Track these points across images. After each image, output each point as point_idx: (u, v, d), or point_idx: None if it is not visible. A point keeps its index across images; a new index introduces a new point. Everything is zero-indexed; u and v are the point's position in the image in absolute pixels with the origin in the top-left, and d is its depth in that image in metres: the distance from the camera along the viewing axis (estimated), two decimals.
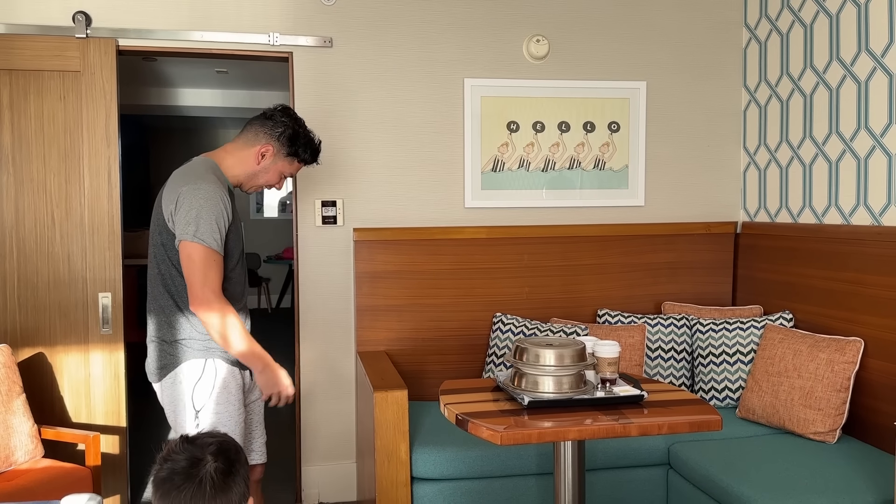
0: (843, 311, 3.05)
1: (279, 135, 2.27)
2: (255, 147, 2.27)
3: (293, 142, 2.29)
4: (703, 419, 2.00)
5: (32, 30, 3.10)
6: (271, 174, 2.32)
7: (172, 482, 1.29)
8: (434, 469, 2.78)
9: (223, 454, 1.35)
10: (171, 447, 1.36)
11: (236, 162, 2.29)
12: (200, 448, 1.34)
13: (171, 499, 1.29)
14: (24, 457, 2.69)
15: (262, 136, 2.27)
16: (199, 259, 2.10)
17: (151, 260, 2.23)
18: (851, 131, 3.03)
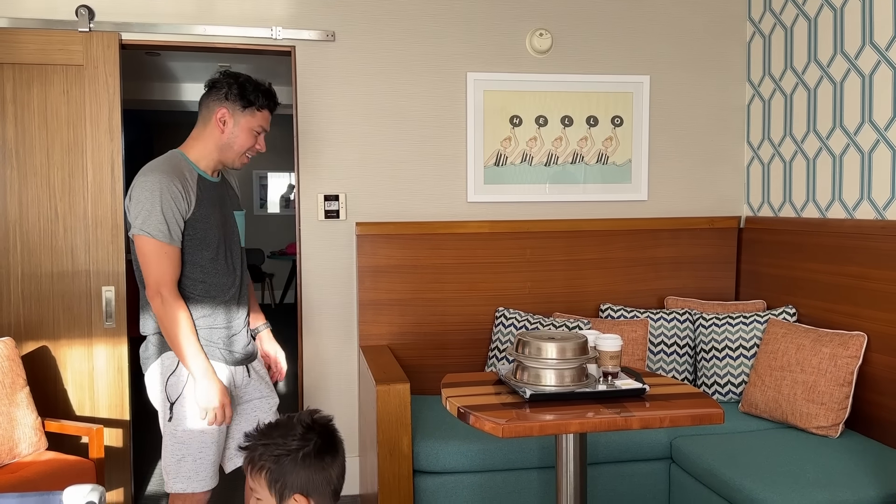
0: (846, 305, 3.04)
1: (226, 93, 2.22)
2: (212, 119, 2.22)
3: (243, 93, 2.22)
4: (705, 412, 2.00)
5: (36, 23, 3.10)
6: (242, 136, 2.24)
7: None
8: (436, 462, 2.79)
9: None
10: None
11: (204, 142, 2.25)
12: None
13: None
14: (28, 449, 2.70)
15: (213, 104, 2.23)
16: (148, 251, 2.10)
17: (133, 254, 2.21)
18: (855, 125, 3.02)
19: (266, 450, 1.49)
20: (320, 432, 1.54)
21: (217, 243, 2.25)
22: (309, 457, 1.49)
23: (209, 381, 2.14)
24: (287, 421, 1.55)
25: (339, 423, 3.46)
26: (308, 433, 1.52)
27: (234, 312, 2.30)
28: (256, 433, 1.54)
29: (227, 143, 2.24)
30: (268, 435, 1.52)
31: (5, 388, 2.68)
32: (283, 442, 1.49)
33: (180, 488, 2.18)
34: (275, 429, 1.53)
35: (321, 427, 1.55)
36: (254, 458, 1.50)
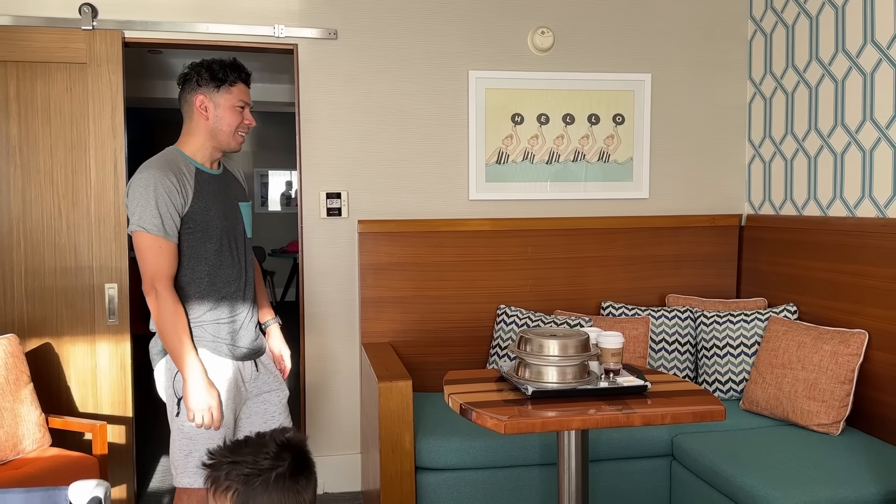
0: (847, 303, 3.05)
1: (197, 80, 2.24)
2: (193, 109, 2.25)
3: (212, 75, 2.23)
4: (707, 409, 2.01)
5: (39, 21, 3.11)
6: (226, 115, 2.24)
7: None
8: (438, 459, 2.80)
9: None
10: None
11: (195, 134, 2.26)
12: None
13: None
14: (32, 445, 2.71)
15: (190, 96, 2.25)
16: (144, 246, 2.11)
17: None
18: (857, 123, 3.02)
19: (234, 469, 1.32)
20: (295, 452, 1.38)
21: (220, 235, 2.24)
22: (282, 478, 1.33)
23: (197, 382, 2.11)
24: (258, 439, 1.40)
25: (342, 419, 3.49)
26: (282, 453, 1.36)
27: (240, 306, 2.29)
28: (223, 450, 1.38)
29: (214, 127, 2.24)
30: (236, 452, 1.35)
31: (9, 385, 2.69)
32: (253, 461, 1.33)
33: (188, 483, 2.19)
34: (244, 446, 1.37)
35: (295, 447, 1.40)
36: (219, 477, 1.33)
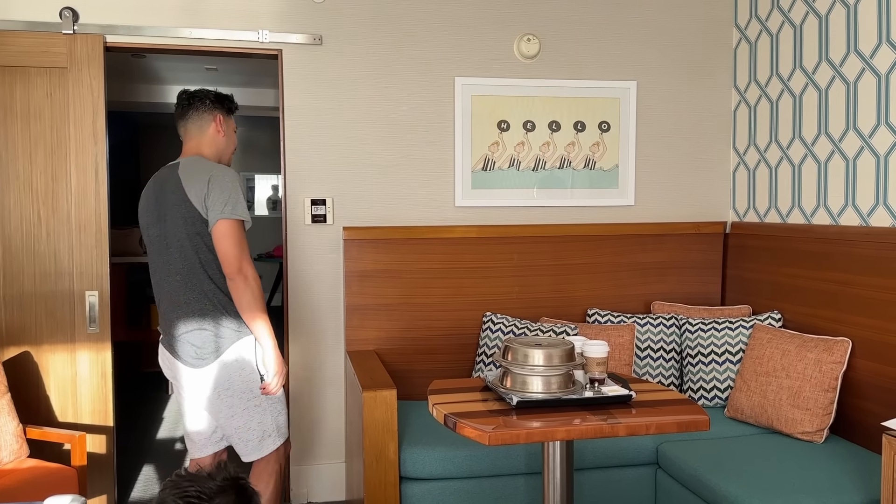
0: (831, 311, 3.06)
1: (211, 103, 2.53)
2: (210, 126, 2.54)
3: (222, 101, 2.57)
4: (691, 419, 2.00)
5: (19, 25, 3.07)
6: (232, 136, 2.59)
7: None
8: (423, 469, 2.78)
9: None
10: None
11: (209, 146, 2.54)
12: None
13: None
14: (9, 457, 2.66)
15: (206, 114, 2.53)
16: (238, 232, 2.37)
17: (187, 252, 2.37)
18: (840, 132, 3.04)
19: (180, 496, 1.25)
20: (238, 489, 1.30)
21: None
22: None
23: (277, 351, 2.44)
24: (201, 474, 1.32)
25: (326, 428, 3.46)
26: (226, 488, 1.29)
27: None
28: (168, 483, 1.30)
29: (225, 144, 2.58)
30: (177, 485, 1.27)
31: None
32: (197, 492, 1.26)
33: (283, 437, 2.54)
34: (188, 480, 1.29)
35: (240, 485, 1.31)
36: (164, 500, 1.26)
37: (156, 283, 2.51)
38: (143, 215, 2.54)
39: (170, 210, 2.40)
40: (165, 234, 2.41)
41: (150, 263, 2.52)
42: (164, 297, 2.46)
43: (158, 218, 2.44)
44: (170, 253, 2.41)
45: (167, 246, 2.41)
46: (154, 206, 2.47)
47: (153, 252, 2.48)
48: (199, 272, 2.39)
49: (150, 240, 2.49)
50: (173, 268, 2.41)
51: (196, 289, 2.39)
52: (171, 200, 2.40)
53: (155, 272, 2.50)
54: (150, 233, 2.49)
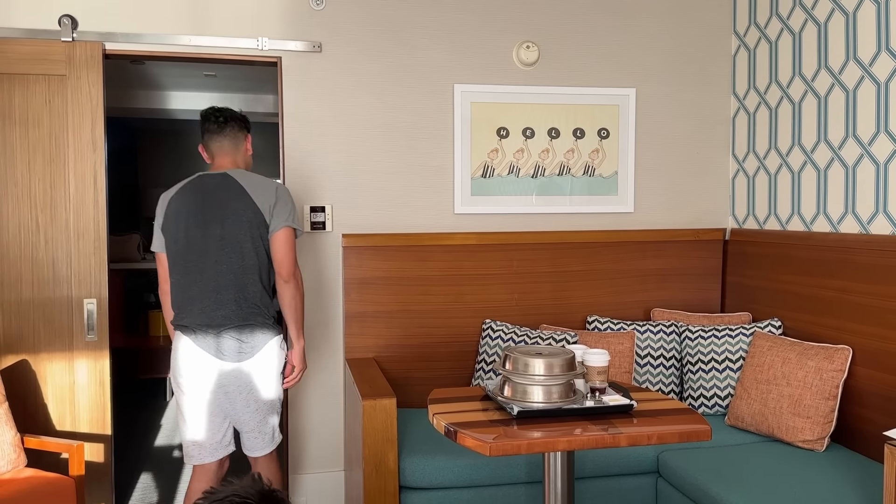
0: (831, 318, 3.05)
1: (242, 122, 2.78)
2: (243, 144, 2.79)
3: (247, 121, 2.82)
4: (693, 429, 2.00)
5: (17, 33, 3.06)
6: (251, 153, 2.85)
7: None
8: (423, 478, 2.77)
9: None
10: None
11: (243, 162, 2.80)
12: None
13: None
14: (7, 466, 2.65)
15: (240, 133, 2.77)
16: (293, 241, 2.64)
17: (247, 253, 2.58)
18: (839, 139, 3.04)
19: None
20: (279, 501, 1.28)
21: None
22: None
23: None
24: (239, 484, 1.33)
25: (325, 436, 3.44)
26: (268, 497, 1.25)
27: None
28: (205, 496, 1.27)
29: (249, 161, 2.84)
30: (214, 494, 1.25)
31: None
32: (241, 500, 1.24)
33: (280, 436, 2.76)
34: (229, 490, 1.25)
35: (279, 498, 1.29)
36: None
37: (192, 282, 2.59)
38: (178, 218, 2.62)
39: (231, 214, 2.58)
40: (223, 235, 2.57)
41: (184, 263, 2.60)
42: (208, 294, 2.57)
43: (205, 220, 2.58)
44: (224, 252, 2.57)
45: (222, 246, 2.57)
46: (199, 209, 2.60)
47: (193, 252, 2.59)
48: (253, 272, 2.60)
49: (191, 240, 2.59)
50: (226, 267, 2.57)
51: (248, 287, 2.59)
52: (232, 205, 2.58)
53: (192, 271, 2.59)
54: (192, 234, 2.60)
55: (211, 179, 2.65)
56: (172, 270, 2.64)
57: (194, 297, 2.59)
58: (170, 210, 2.65)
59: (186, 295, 2.60)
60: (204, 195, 2.62)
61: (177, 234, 2.62)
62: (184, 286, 2.61)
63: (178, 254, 2.62)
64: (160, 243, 2.68)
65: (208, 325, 2.57)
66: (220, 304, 2.56)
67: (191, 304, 2.59)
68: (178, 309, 2.62)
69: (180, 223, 2.62)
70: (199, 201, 2.61)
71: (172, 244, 2.63)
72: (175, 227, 2.62)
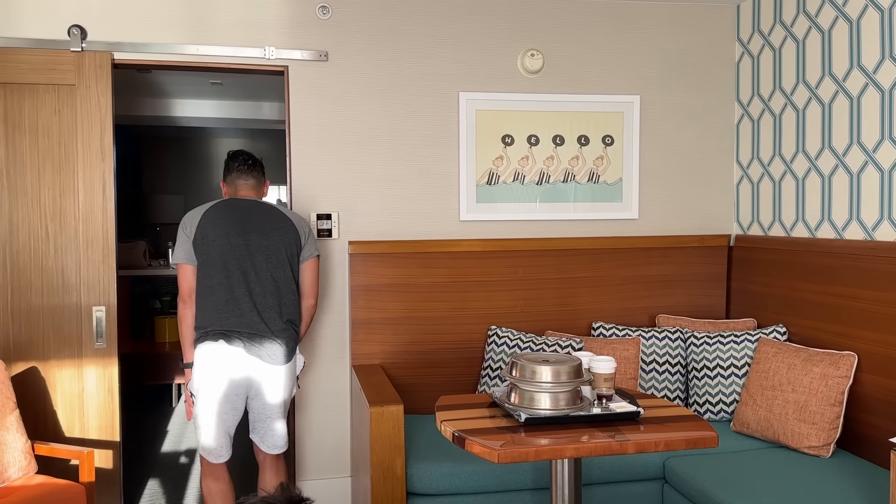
0: (836, 325, 3.06)
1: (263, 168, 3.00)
2: (264, 187, 3.01)
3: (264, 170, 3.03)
4: (699, 436, 2.01)
5: (28, 43, 3.10)
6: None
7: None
8: (430, 484, 2.78)
9: None
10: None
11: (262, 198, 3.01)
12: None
13: None
14: (18, 473, 2.67)
15: (262, 177, 2.99)
16: (318, 268, 2.99)
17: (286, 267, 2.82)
18: (844, 146, 3.05)
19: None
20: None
21: None
22: None
23: None
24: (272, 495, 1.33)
25: (332, 442, 3.46)
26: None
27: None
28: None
29: None
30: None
31: None
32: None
33: None
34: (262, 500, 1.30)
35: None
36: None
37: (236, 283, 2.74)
38: (217, 225, 2.77)
39: (274, 230, 2.81)
40: (267, 246, 2.78)
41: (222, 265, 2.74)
42: (254, 294, 2.75)
43: (245, 230, 2.78)
44: (270, 261, 2.79)
45: (268, 256, 2.79)
46: (242, 220, 2.79)
47: (233, 256, 2.75)
48: (292, 283, 2.84)
49: (231, 245, 2.75)
50: (270, 275, 2.79)
51: (287, 296, 2.82)
52: (275, 223, 2.82)
53: (234, 273, 2.75)
54: (233, 240, 2.76)
55: (246, 202, 2.87)
56: (206, 276, 2.74)
57: (237, 298, 2.73)
58: (205, 221, 2.77)
59: (230, 296, 2.73)
60: (243, 211, 2.82)
61: (215, 240, 2.75)
62: (225, 288, 2.73)
63: (215, 259, 2.74)
64: (188, 256, 2.76)
65: (251, 327, 2.73)
66: (266, 308, 2.77)
67: (236, 305, 2.73)
68: (216, 312, 2.72)
69: (219, 231, 2.76)
70: (238, 215, 2.80)
71: (210, 251, 2.74)
72: (214, 235, 2.75)
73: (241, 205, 2.84)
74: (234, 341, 2.70)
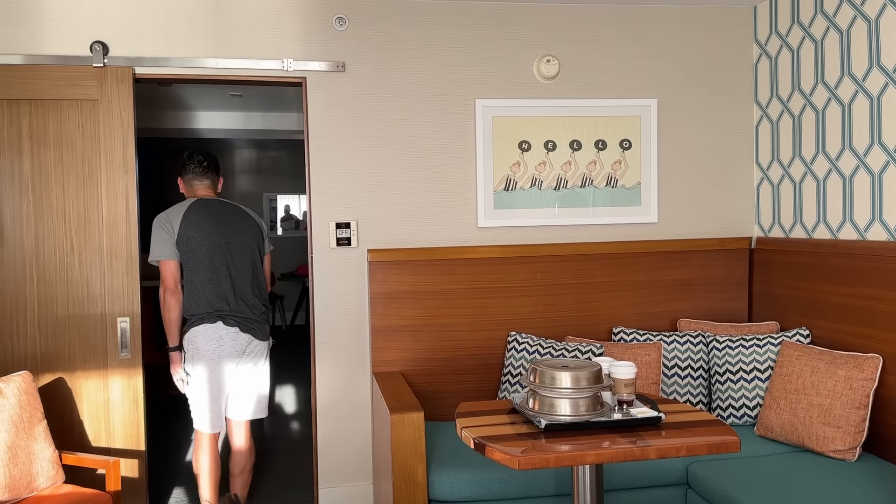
0: (860, 327, 3.03)
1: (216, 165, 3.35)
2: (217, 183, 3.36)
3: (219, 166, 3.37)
4: (722, 440, 2.00)
5: (51, 60, 3.16)
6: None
7: None
8: (451, 491, 2.78)
9: None
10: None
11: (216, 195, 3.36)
12: None
13: None
14: (46, 482, 2.71)
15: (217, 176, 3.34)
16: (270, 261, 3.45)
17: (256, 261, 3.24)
18: (865, 146, 3.02)
19: None
20: None
21: None
22: None
23: None
24: None
25: (354, 448, 3.48)
26: None
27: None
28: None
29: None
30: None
31: (23, 423, 2.70)
32: None
33: None
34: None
35: None
36: None
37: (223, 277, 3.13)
38: (200, 227, 3.12)
39: (245, 230, 3.21)
40: (242, 243, 3.19)
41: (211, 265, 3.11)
42: (236, 286, 3.16)
43: (224, 230, 3.16)
44: (245, 256, 3.20)
45: (243, 252, 3.20)
46: (216, 221, 3.15)
47: (218, 253, 3.13)
48: (261, 273, 3.28)
49: (215, 244, 3.13)
50: (248, 268, 3.20)
51: (262, 284, 3.28)
52: (244, 224, 3.22)
53: (220, 269, 3.13)
54: (216, 240, 3.13)
55: (214, 203, 3.21)
56: (196, 272, 3.10)
57: (226, 290, 3.12)
58: (186, 223, 3.11)
59: (220, 289, 3.11)
60: (216, 211, 3.18)
61: (201, 241, 3.11)
62: (214, 282, 3.11)
63: (202, 257, 3.11)
64: (172, 252, 3.10)
65: (238, 310, 3.14)
66: (247, 295, 3.18)
67: (225, 293, 3.12)
68: (208, 303, 3.10)
69: (202, 232, 3.12)
70: (212, 214, 3.16)
71: (196, 250, 3.11)
72: (199, 235, 3.11)
73: (212, 206, 3.18)
74: (230, 322, 3.10)
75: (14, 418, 2.67)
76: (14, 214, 3.14)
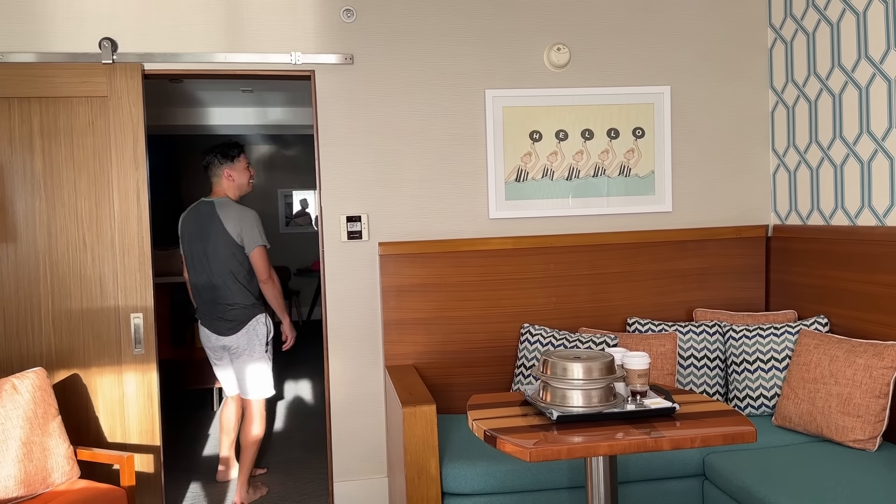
0: (879, 314, 2.97)
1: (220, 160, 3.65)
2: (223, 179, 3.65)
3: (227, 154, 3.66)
4: (737, 431, 1.96)
5: (61, 57, 3.17)
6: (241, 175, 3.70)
7: None
8: (465, 484, 2.77)
9: None
10: None
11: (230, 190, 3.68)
12: None
13: None
14: (61, 478, 2.73)
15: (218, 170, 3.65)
16: (265, 253, 3.57)
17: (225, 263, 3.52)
18: (883, 130, 2.96)
19: None
20: None
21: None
22: None
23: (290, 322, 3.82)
24: None
25: (367, 442, 3.48)
26: None
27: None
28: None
29: (238, 185, 3.71)
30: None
31: (38, 419, 2.71)
32: None
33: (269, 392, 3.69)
34: None
35: None
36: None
37: (198, 283, 3.60)
38: (185, 234, 3.63)
39: (213, 236, 3.51)
40: (207, 251, 3.52)
41: (192, 268, 3.62)
42: (205, 292, 3.58)
43: (202, 237, 3.54)
44: (212, 263, 3.52)
45: (209, 259, 3.52)
46: (197, 228, 3.56)
47: (197, 261, 3.58)
48: (232, 276, 3.54)
49: (194, 252, 3.58)
50: (216, 273, 3.53)
51: (234, 286, 3.54)
52: (213, 229, 3.51)
53: (198, 272, 3.59)
54: (195, 247, 3.57)
55: (205, 206, 3.58)
56: (191, 272, 3.65)
57: (200, 290, 3.61)
58: (182, 226, 3.67)
59: (195, 290, 3.64)
60: (198, 217, 3.58)
61: (187, 246, 3.63)
62: (193, 283, 3.65)
63: (187, 261, 3.65)
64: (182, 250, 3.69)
65: (208, 312, 3.60)
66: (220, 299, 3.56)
67: (200, 298, 3.63)
68: (193, 297, 3.69)
69: (185, 239, 3.64)
70: (195, 222, 3.59)
71: (187, 252, 3.64)
72: (188, 240, 3.62)
73: (199, 212, 3.57)
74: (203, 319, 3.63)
75: (29, 414, 2.69)
76: (27, 212, 3.15)
